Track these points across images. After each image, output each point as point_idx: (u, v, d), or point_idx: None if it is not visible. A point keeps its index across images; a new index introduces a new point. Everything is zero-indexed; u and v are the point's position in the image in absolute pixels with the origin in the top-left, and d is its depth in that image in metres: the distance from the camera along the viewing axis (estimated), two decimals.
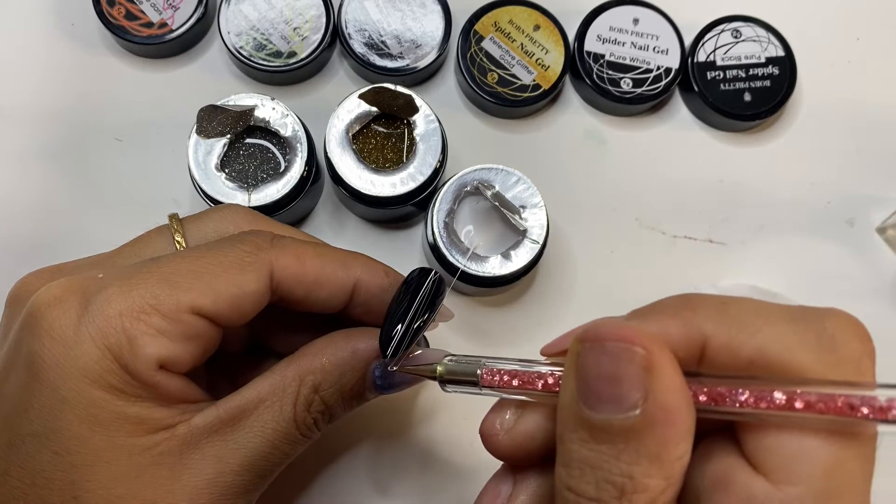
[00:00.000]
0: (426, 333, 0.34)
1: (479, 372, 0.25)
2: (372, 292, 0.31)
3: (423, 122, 0.41)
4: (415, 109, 0.40)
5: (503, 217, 0.41)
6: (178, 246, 0.32)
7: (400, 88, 0.40)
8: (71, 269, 0.31)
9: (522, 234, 0.40)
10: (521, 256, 0.40)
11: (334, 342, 0.30)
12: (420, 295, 0.29)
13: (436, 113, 0.41)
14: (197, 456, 0.27)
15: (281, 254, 0.29)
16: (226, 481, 0.27)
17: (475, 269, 0.40)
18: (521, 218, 0.40)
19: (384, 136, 0.42)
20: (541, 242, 0.40)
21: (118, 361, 0.26)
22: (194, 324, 0.27)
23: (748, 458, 0.21)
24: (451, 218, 0.40)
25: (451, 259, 0.40)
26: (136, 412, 0.26)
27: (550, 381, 0.24)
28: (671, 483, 0.20)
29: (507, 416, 0.25)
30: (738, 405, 0.21)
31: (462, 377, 0.26)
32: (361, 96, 0.40)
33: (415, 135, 0.41)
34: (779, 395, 0.20)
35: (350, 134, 0.41)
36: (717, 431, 0.23)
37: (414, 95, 0.40)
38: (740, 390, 0.21)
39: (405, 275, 0.31)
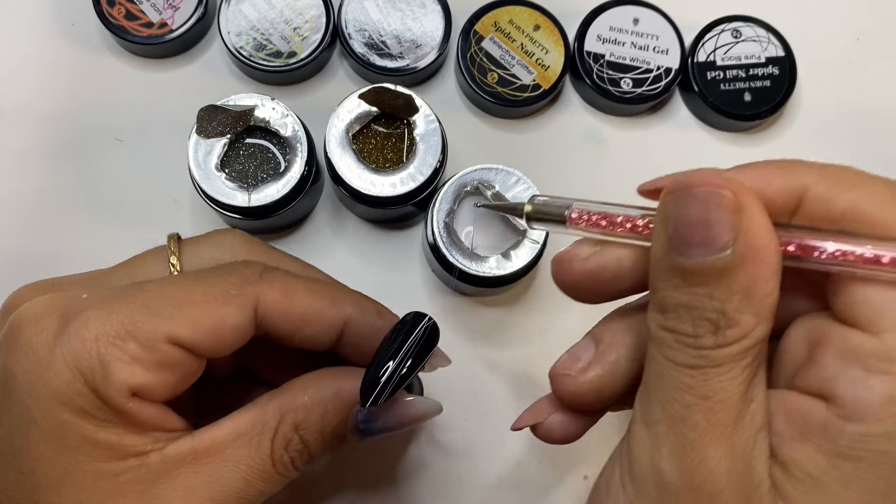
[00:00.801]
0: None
1: (566, 213, 0.26)
2: (363, 333, 0.30)
3: (423, 122, 0.41)
4: (415, 109, 0.40)
5: (503, 217, 0.41)
6: (172, 269, 0.31)
7: (400, 88, 0.40)
8: (66, 283, 0.31)
9: (522, 234, 0.40)
10: (521, 256, 0.40)
11: (319, 380, 0.29)
12: (410, 341, 0.28)
13: (436, 113, 0.41)
14: (167, 486, 0.26)
15: (269, 288, 0.29)
16: None
17: (475, 269, 0.40)
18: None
19: (384, 136, 0.42)
20: (541, 242, 0.40)
21: (89, 386, 0.25)
22: (171, 353, 0.27)
23: (839, 317, 0.22)
24: (451, 218, 0.40)
25: (450, 259, 0.40)
26: (105, 438, 0.26)
27: (640, 223, 0.25)
28: (761, 319, 0.21)
29: (585, 249, 0.26)
30: (825, 256, 0.22)
31: (550, 217, 0.27)
32: (361, 96, 0.40)
33: (415, 135, 0.41)
34: (867, 249, 0.21)
35: (350, 134, 0.41)
36: (806, 299, 0.24)
37: (414, 95, 0.40)
38: (830, 241, 0.22)
39: (400, 315, 0.30)
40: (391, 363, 0.27)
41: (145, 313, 0.27)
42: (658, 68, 0.46)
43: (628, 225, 0.25)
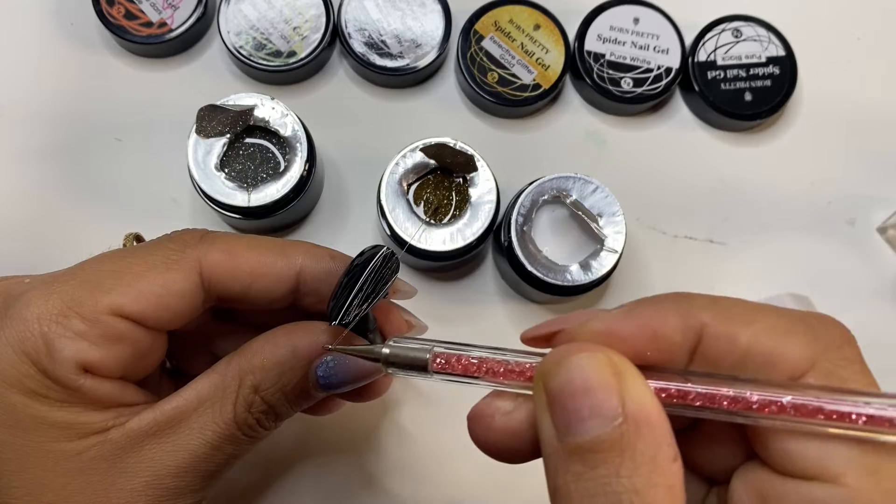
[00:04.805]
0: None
1: (427, 357, 0.24)
2: (319, 278, 0.30)
3: (482, 183, 0.41)
4: (473, 168, 0.40)
5: (581, 225, 0.41)
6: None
7: (461, 145, 0.40)
8: (16, 279, 0.30)
9: (601, 242, 0.40)
10: (601, 265, 0.40)
11: (274, 339, 0.29)
12: (370, 268, 0.28)
13: (494, 175, 0.41)
14: (133, 459, 0.26)
15: (210, 249, 0.28)
16: (164, 484, 0.27)
17: (553, 278, 0.39)
18: (598, 226, 0.40)
19: (440, 189, 0.41)
20: (619, 251, 0.40)
21: (36, 366, 0.25)
22: (116, 325, 0.26)
23: (781, 469, 0.21)
24: (529, 226, 0.40)
25: (529, 268, 0.39)
26: (62, 417, 0.26)
27: (522, 370, 0.23)
28: (674, 493, 0.20)
29: (506, 403, 0.24)
30: (736, 407, 0.21)
31: (409, 361, 0.24)
32: (423, 150, 0.40)
33: (469, 192, 0.41)
34: (778, 396, 0.20)
35: (405, 184, 0.41)
36: (733, 448, 0.23)
37: (475, 154, 0.40)
38: (749, 392, 0.21)
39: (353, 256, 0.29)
40: (355, 286, 0.27)
41: (86, 288, 0.26)
42: (658, 68, 0.46)
43: (505, 371, 0.22)
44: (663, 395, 0.21)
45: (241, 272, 0.29)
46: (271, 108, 0.40)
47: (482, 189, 0.41)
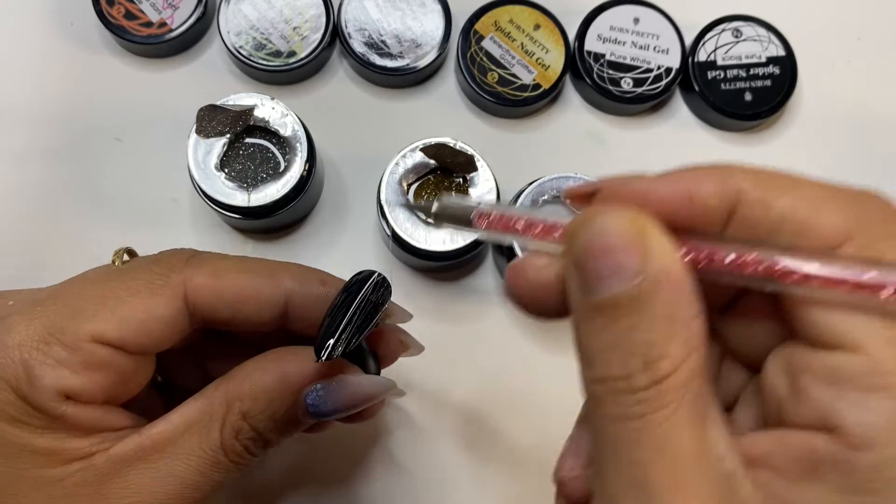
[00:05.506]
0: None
1: (472, 214, 0.25)
2: (307, 304, 0.29)
3: (482, 183, 0.41)
4: (474, 168, 0.40)
5: None
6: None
7: (461, 145, 0.40)
8: (6, 296, 0.30)
9: None
10: None
11: (263, 365, 0.28)
12: (361, 295, 0.27)
13: (495, 176, 0.41)
14: (117, 485, 0.26)
15: (196, 272, 0.28)
16: None
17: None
18: None
19: (440, 189, 0.41)
20: None
21: (16, 393, 0.25)
22: (98, 352, 0.26)
23: (810, 341, 0.21)
24: None
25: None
26: (44, 444, 0.25)
27: (555, 228, 0.23)
28: (692, 348, 0.20)
29: (542, 259, 0.24)
30: (760, 270, 0.20)
31: (457, 217, 0.25)
32: (423, 150, 0.40)
33: (470, 192, 0.41)
34: (813, 266, 0.20)
35: (405, 184, 0.41)
36: (775, 327, 0.23)
37: (476, 154, 0.41)
38: (775, 256, 0.20)
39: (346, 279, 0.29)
40: (345, 317, 0.27)
41: (67, 314, 0.26)
42: (658, 68, 0.46)
43: (538, 228, 0.24)
44: (689, 257, 0.21)
45: (228, 296, 0.28)
46: (271, 108, 0.40)
47: (482, 189, 0.41)
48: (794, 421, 0.21)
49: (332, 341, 0.27)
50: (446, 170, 0.41)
